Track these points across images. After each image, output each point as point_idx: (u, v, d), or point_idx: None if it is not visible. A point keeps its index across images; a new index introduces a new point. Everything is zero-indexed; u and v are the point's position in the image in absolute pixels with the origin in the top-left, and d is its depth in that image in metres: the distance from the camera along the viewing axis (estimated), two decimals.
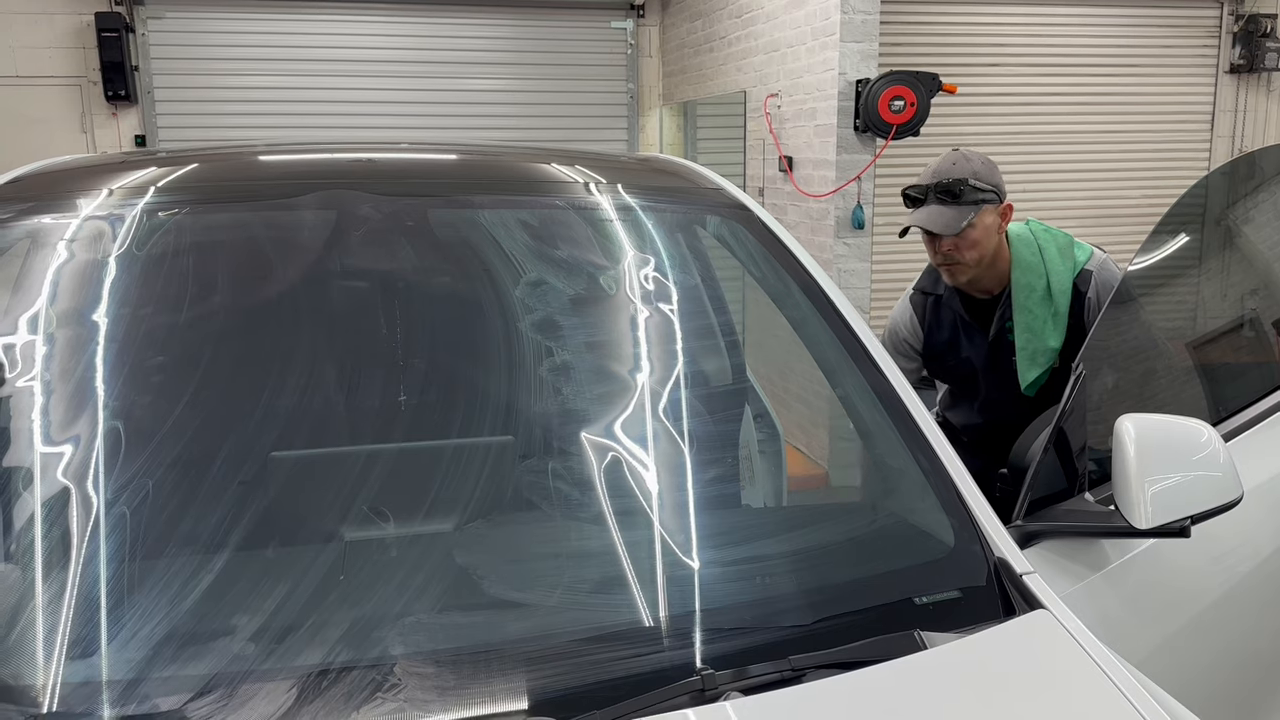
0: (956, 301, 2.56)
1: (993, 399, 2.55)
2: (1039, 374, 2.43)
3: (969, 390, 2.62)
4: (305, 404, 1.52)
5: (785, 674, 1.14)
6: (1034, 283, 2.41)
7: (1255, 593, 1.96)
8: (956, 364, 2.60)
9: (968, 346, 2.56)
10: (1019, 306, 2.43)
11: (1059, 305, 2.40)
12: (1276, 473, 2.07)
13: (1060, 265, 2.42)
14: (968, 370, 2.58)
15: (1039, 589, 1.32)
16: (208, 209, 1.75)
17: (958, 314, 2.56)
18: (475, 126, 7.60)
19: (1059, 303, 2.40)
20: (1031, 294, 2.41)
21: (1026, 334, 2.42)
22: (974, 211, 2.36)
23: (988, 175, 2.42)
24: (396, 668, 1.13)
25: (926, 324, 2.63)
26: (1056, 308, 2.40)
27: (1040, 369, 2.42)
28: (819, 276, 1.78)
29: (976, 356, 2.54)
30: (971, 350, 2.55)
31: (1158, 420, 1.59)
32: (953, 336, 2.58)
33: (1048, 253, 2.44)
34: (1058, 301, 2.40)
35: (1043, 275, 2.41)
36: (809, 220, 5.46)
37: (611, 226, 1.84)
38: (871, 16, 4.97)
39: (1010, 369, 2.49)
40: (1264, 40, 7.75)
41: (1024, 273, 2.42)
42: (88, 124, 7.14)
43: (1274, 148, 2.70)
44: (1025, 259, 2.43)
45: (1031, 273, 2.42)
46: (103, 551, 1.24)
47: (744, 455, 2.05)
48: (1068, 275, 2.42)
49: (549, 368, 1.65)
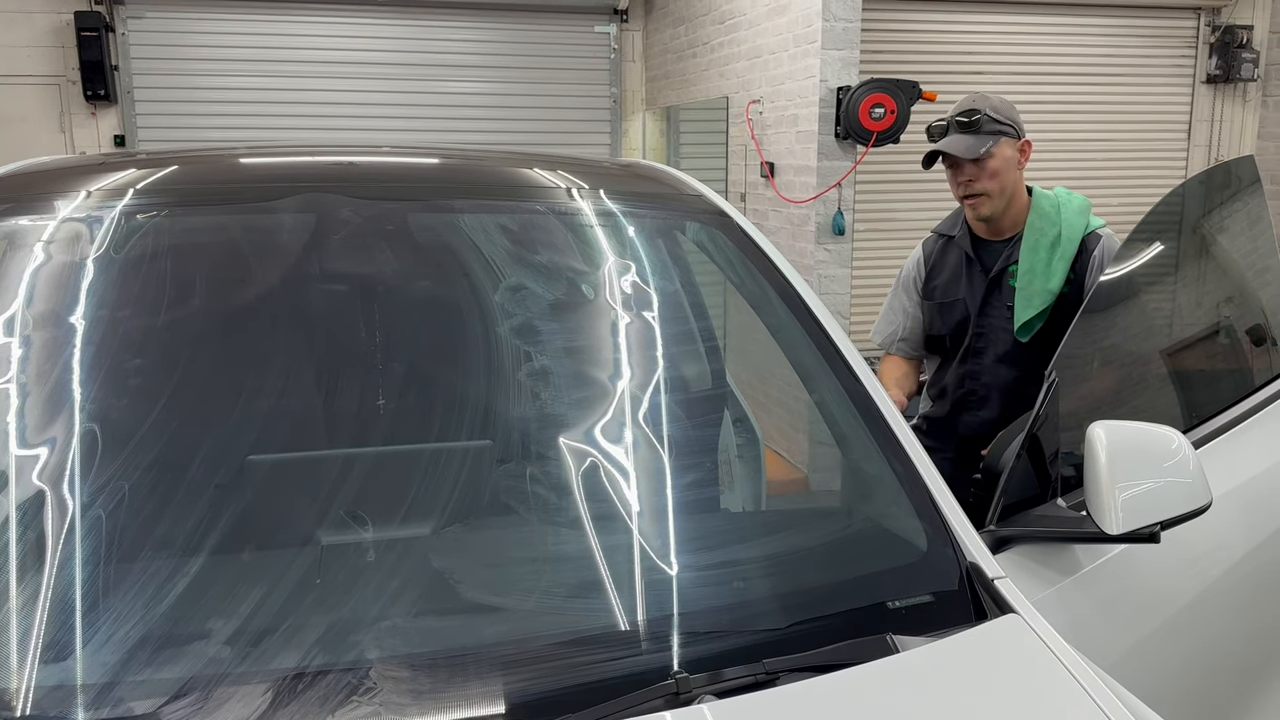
0: (967, 241, 2.66)
1: (978, 347, 2.61)
2: (1032, 315, 2.50)
3: (955, 338, 2.66)
4: (283, 407, 1.52)
5: (759, 677, 1.15)
6: (1046, 229, 2.54)
7: (1226, 597, 1.98)
8: (950, 304, 2.66)
9: (966, 285, 2.64)
10: (1028, 247, 2.54)
11: (1065, 252, 2.51)
12: (1248, 478, 2.10)
13: (1075, 220, 2.54)
14: (960, 313, 2.64)
15: (1010, 593, 1.33)
16: (187, 212, 1.75)
17: (964, 252, 2.65)
18: (458, 130, 7.59)
19: (1066, 249, 2.51)
20: (1042, 237, 2.53)
21: (1029, 274, 2.52)
22: (992, 141, 2.50)
23: (1006, 111, 2.56)
24: (372, 671, 1.13)
25: (931, 261, 2.74)
26: (1063, 253, 2.51)
27: (1034, 310, 2.50)
28: (796, 283, 1.79)
29: (973, 297, 2.62)
30: (969, 290, 2.63)
31: (1129, 427, 1.61)
32: (954, 275, 2.67)
33: (1066, 207, 2.57)
34: (1065, 248, 2.51)
35: (1056, 224, 2.54)
36: (790, 226, 5.49)
37: (592, 232, 1.85)
38: (853, 24, 5.00)
39: (1002, 313, 2.56)
40: (1240, 51, 7.84)
41: (1039, 217, 2.56)
42: (66, 123, 7.09)
43: (1248, 158, 2.73)
44: (1043, 207, 2.57)
45: (1046, 219, 2.55)
46: (79, 554, 1.23)
47: (723, 460, 2.06)
48: (1080, 229, 2.54)
49: (528, 372, 1.66)
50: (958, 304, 2.65)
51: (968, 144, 2.49)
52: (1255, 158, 2.99)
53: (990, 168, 2.51)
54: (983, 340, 2.61)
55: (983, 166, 2.50)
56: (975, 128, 2.50)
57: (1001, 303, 2.57)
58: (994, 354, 2.59)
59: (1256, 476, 2.11)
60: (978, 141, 2.49)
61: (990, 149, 2.49)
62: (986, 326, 2.60)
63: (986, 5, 7.39)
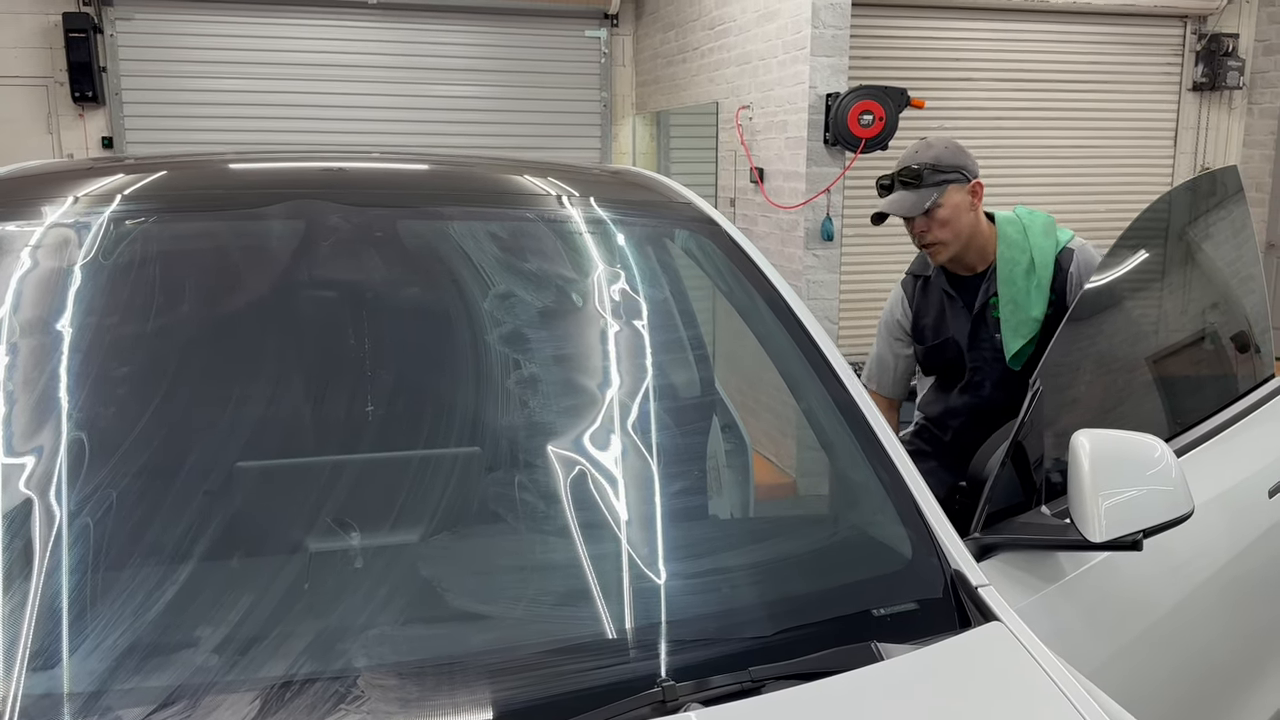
0: (943, 280, 2.66)
1: (975, 380, 2.63)
2: (1023, 344, 2.51)
3: (954, 372, 2.68)
4: (272, 414, 1.53)
5: (745, 685, 1.16)
6: (1018, 257, 2.53)
7: (1208, 603, 2.00)
8: (942, 344, 2.68)
9: (953, 323, 2.65)
10: (1003, 279, 2.54)
11: (1041, 277, 2.51)
12: (1231, 485, 2.12)
13: (1044, 242, 2.54)
14: (953, 351, 2.66)
15: (993, 601, 1.35)
16: (177, 218, 1.75)
17: (944, 291, 2.66)
18: (449, 133, 7.58)
19: (1042, 275, 2.51)
20: (1015, 267, 2.53)
21: (1010, 305, 2.53)
22: (937, 192, 2.50)
23: (950, 158, 2.55)
24: (360, 680, 1.14)
25: (915, 305, 2.74)
26: (1039, 279, 2.51)
27: (1024, 339, 2.51)
28: (784, 292, 1.80)
29: (960, 333, 2.63)
30: (956, 327, 2.64)
31: (1112, 436, 1.62)
32: (939, 315, 2.68)
33: (1032, 230, 2.56)
34: (1040, 274, 2.51)
35: (1026, 250, 2.53)
36: (779, 231, 5.51)
37: (581, 239, 1.86)
38: (842, 32, 5.03)
39: (992, 345, 2.58)
40: (1225, 59, 7.90)
41: (1009, 247, 2.55)
42: (54, 125, 7.07)
43: (1231, 168, 2.76)
44: (1010, 235, 2.56)
45: (1015, 248, 2.54)
46: (67, 562, 1.23)
47: (711, 467, 2.07)
48: (1050, 250, 2.53)
49: (517, 380, 1.66)
50: (949, 343, 2.66)
51: (911, 201, 2.51)
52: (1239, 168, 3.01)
53: (939, 217, 2.51)
54: (979, 374, 2.63)
55: (932, 217, 2.51)
56: (918, 182, 2.51)
57: (989, 334, 2.59)
58: (991, 384, 2.61)
59: (1239, 484, 2.14)
60: (921, 197, 2.50)
61: (936, 200, 2.50)
62: (979, 360, 2.62)
63: (974, 12, 7.44)
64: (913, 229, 2.56)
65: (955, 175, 2.52)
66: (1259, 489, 2.16)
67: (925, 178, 2.51)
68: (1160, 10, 7.80)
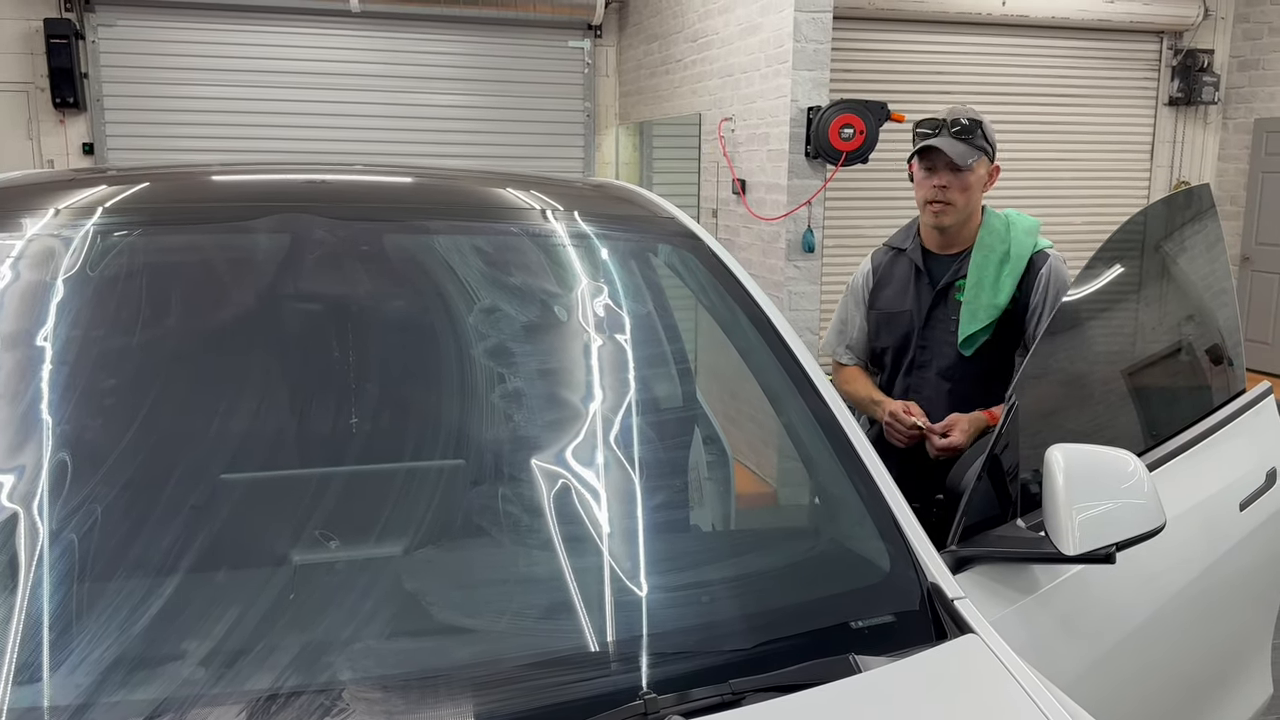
0: (918, 254, 2.68)
1: (921, 360, 2.64)
2: (978, 329, 2.55)
3: (901, 349, 2.69)
4: (256, 427, 1.53)
5: (725, 697, 1.18)
6: (996, 245, 2.59)
7: (1181, 614, 2.03)
8: (897, 314, 2.69)
9: (913, 298, 2.67)
10: (976, 262, 2.58)
11: (1014, 268, 2.55)
12: (1204, 498, 2.15)
13: (1024, 239, 2.59)
14: (906, 324, 2.67)
15: (969, 614, 1.37)
16: (162, 231, 1.75)
17: (914, 264, 2.68)
18: (432, 142, 7.59)
19: (1014, 266, 2.56)
20: (991, 253, 2.58)
21: (976, 288, 2.57)
22: (977, 156, 2.54)
23: (990, 132, 2.61)
24: (345, 692, 1.15)
25: (880, 273, 2.77)
26: (1011, 270, 2.56)
27: (980, 324, 2.54)
28: (766, 307, 1.82)
29: (919, 309, 2.65)
30: (915, 302, 2.66)
31: (1086, 450, 1.65)
32: (902, 286, 2.70)
33: (1015, 226, 2.62)
34: (1014, 265, 2.56)
35: (1006, 241, 2.59)
36: (761, 242, 5.54)
37: (565, 253, 1.88)
38: (823, 46, 5.07)
39: (947, 326, 2.60)
40: (1201, 75, 8.02)
41: (989, 234, 2.61)
42: (34, 131, 7.03)
43: (1204, 186, 2.81)
44: (994, 225, 2.63)
45: (996, 236, 2.60)
46: (52, 575, 1.24)
47: (693, 479, 2.09)
48: (1028, 248, 2.58)
49: (501, 394, 1.67)
50: (903, 315, 2.68)
51: (959, 150, 2.52)
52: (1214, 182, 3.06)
53: (967, 180, 2.55)
54: (927, 353, 2.65)
55: (961, 177, 2.54)
56: (968, 137, 2.54)
57: (946, 316, 2.61)
58: (937, 367, 2.63)
59: (1211, 497, 2.17)
60: (967, 151, 2.53)
61: (973, 163, 2.54)
62: (930, 339, 2.64)
63: (954, 27, 7.52)
64: (935, 180, 2.56)
65: (990, 149, 2.59)
66: (1230, 502, 2.19)
67: (974, 137, 2.54)
68: (1137, 26, 7.91)
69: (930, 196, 2.59)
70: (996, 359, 2.58)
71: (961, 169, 2.52)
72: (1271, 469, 2.33)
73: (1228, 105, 8.25)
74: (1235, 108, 8.20)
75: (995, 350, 2.58)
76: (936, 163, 2.55)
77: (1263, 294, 7.98)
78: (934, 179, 2.56)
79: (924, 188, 2.60)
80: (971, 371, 2.58)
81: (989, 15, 7.40)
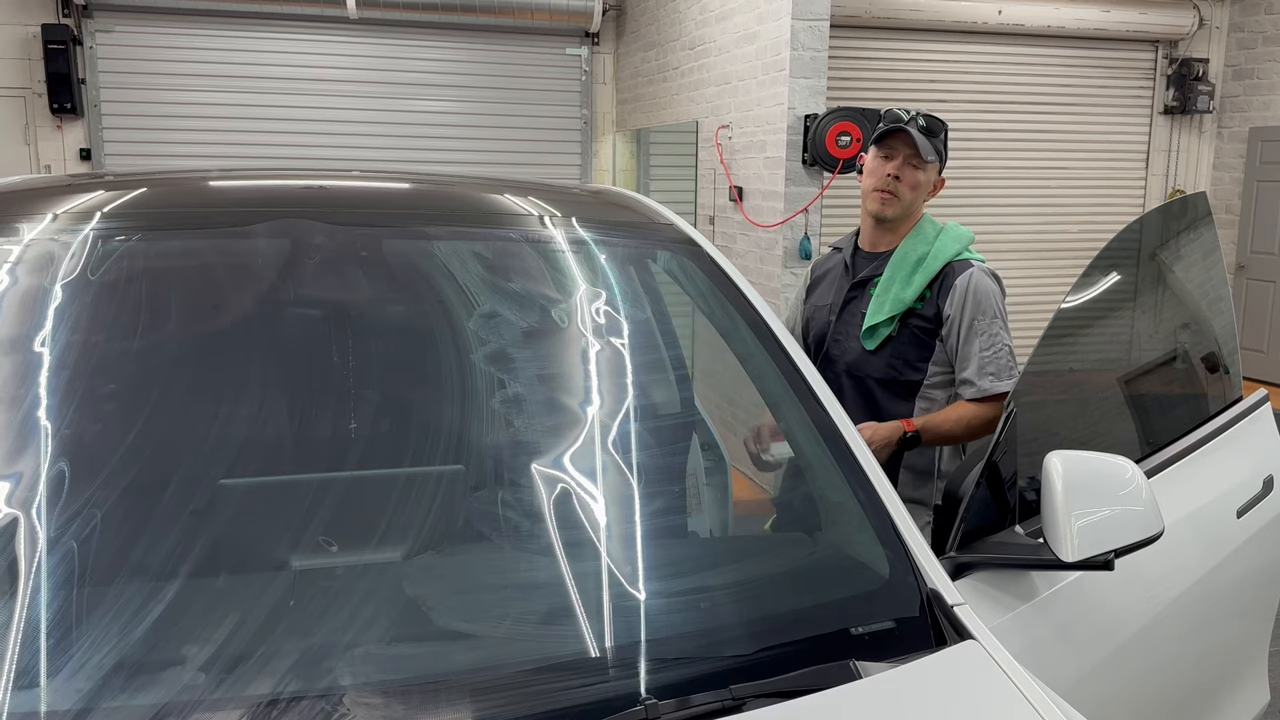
0: (850, 252, 2.71)
1: (832, 355, 2.63)
2: (880, 320, 2.52)
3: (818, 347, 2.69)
4: (256, 432, 1.53)
5: (726, 703, 1.18)
6: (918, 246, 2.57)
7: (1179, 621, 2.04)
8: (819, 309, 2.71)
9: (834, 292, 2.68)
10: (895, 259, 2.58)
11: (929, 268, 2.53)
12: (1201, 505, 2.16)
13: (948, 245, 2.57)
14: (824, 318, 2.68)
15: (969, 620, 1.37)
16: (162, 236, 1.76)
17: (844, 260, 2.70)
18: (430, 149, 7.60)
19: (930, 265, 2.54)
20: (911, 253, 2.57)
21: (888, 281, 2.56)
22: (935, 156, 2.56)
23: (948, 142, 2.65)
24: (345, 698, 1.15)
25: (816, 273, 2.81)
26: (926, 269, 2.53)
27: (883, 316, 2.52)
28: (765, 313, 1.83)
29: (835, 303, 2.65)
30: (834, 296, 2.67)
31: (1084, 457, 1.65)
32: (829, 283, 2.72)
33: (945, 234, 2.60)
34: (929, 264, 2.54)
35: (929, 245, 2.57)
36: (758, 249, 5.55)
37: (564, 259, 1.88)
38: (820, 54, 5.09)
39: (855, 324, 2.59)
40: (1196, 83, 8.05)
41: (916, 235, 2.60)
42: (31, 136, 7.03)
43: (1200, 194, 2.82)
44: (924, 229, 2.62)
45: (921, 240, 2.59)
46: (52, 580, 1.24)
47: (691, 485, 2.09)
48: (949, 253, 2.55)
49: (500, 399, 1.68)
50: (823, 309, 2.69)
51: (924, 144, 2.53)
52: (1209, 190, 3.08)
53: (919, 178, 2.56)
54: (838, 347, 2.63)
55: (914, 173, 2.55)
56: (932, 136, 2.56)
57: (859, 310, 2.60)
58: (844, 362, 2.61)
59: (1208, 504, 2.18)
60: (929, 148, 2.54)
61: (931, 161, 2.56)
62: (842, 333, 2.63)
63: (950, 35, 7.55)
64: (889, 168, 2.56)
65: (944, 157, 2.61)
66: (1228, 509, 2.20)
67: (937, 138, 2.57)
68: (1132, 35, 7.94)
69: (880, 184, 2.57)
70: (902, 364, 2.54)
71: (921, 163, 2.54)
72: (1268, 476, 2.34)
73: (1222, 114, 8.28)
74: (1230, 116, 8.23)
75: (902, 354, 2.54)
76: (897, 151, 2.55)
77: (1258, 302, 8.00)
78: (889, 166, 2.56)
79: (876, 175, 2.59)
80: (876, 371, 2.56)
81: (985, 24, 7.43)
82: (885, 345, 2.54)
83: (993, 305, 2.49)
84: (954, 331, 2.49)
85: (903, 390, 2.53)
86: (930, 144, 2.54)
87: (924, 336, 2.52)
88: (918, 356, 2.53)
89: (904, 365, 2.54)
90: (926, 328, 2.52)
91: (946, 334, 2.50)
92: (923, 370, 2.54)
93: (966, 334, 2.47)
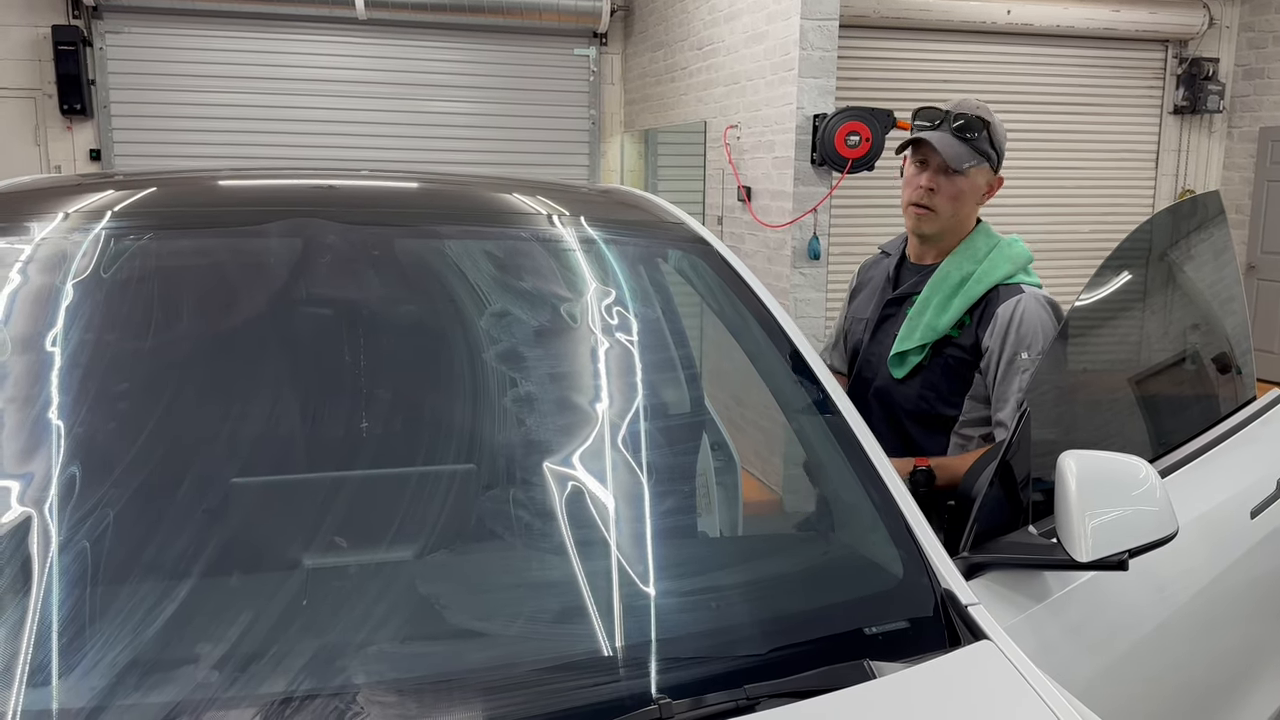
0: (896, 260, 2.41)
1: (864, 376, 2.37)
2: (909, 348, 2.24)
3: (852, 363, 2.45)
4: (268, 431, 1.53)
5: (740, 703, 1.17)
6: (963, 265, 2.25)
7: (1192, 621, 2.03)
8: (857, 322, 2.44)
9: (873, 305, 2.39)
10: (936, 278, 2.27)
11: (969, 292, 2.22)
12: (1214, 505, 2.15)
13: (999, 266, 2.24)
14: (859, 333, 2.41)
15: (983, 620, 1.37)
16: (174, 235, 1.76)
17: (888, 271, 2.41)
18: (438, 149, 7.61)
19: (971, 290, 2.22)
20: (954, 272, 2.25)
21: (923, 303, 2.26)
22: (975, 161, 2.23)
23: (1000, 136, 2.28)
24: (359, 696, 1.15)
25: (861, 277, 2.53)
26: (965, 293, 2.22)
27: (912, 344, 2.24)
28: (776, 312, 1.82)
29: (872, 318, 2.38)
30: (872, 310, 2.39)
31: (1098, 457, 1.64)
32: (870, 293, 2.44)
33: (998, 251, 2.27)
34: (970, 288, 2.22)
35: (976, 265, 2.24)
36: (766, 249, 5.55)
37: (575, 258, 1.88)
38: (829, 54, 5.08)
39: (887, 345, 2.31)
40: (1206, 83, 8.03)
41: (962, 254, 2.27)
42: (41, 137, 7.06)
43: (1214, 193, 2.80)
44: (976, 243, 2.28)
45: (968, 258, 2.26)
46: (66, 579, 1.24)
47: (701, 485, 2.08)
48: (996, 276, 2.23)
49: (512, 398, 1.68)
50: (860, 323, 2.42)
51: (955, 152, 2.20)
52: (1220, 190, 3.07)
53: (958, 187, 2.23)
54: (869, 368, 2.35)
55: (953, 182, 2.22)
56: (970, 138, 2.22)
57: (892, 331, 2.31)
58: (874, 386, 2.33)
59: (1222, 504, 2.17)
60: (966, 154, 2.21)
61: (970, 168, 2.22)
62: (874, 354, 2.34)
63: (960, 35, 7.54)
64: (921, 180, 2.24)
65: (993, 157, 2.26)
66: (1241, 509, 2.19)
67: (977, 139, 2.22)
68: (1142, 34, 7.92)
69: (914, 199, 2.26)
70: (935, 397, 2.24)
71: (954, 172, 2.21)
72: None
73: (1233, 114, 8.25)
74: (1240, 116, 8.20)
75: (934, 385, 2.24)
76: (929, 160, 2.24)
77: (1268, 302, 7.97)
78: (920, 178, 2.24)
79: (910, 186, 2.28)
80: (906, 401, 2.26)
81: (994, 24, 7.41)
82: (915, 374, 2.25)
83: (1040, 340, 2.13)
84: (991, 366, 2.18)
85: (936, 424, 2.25)
86: (967, 149, 2.21)
87: (960, 368, 2.22)
88: (951, 390, 2.23)
89: (936, 399, 2.25)
90: (963, 359, 2.22)
91: (985, 367, 2.19)
92: (957, 405, 2.23)
93: (1005, 370, 2.15)
